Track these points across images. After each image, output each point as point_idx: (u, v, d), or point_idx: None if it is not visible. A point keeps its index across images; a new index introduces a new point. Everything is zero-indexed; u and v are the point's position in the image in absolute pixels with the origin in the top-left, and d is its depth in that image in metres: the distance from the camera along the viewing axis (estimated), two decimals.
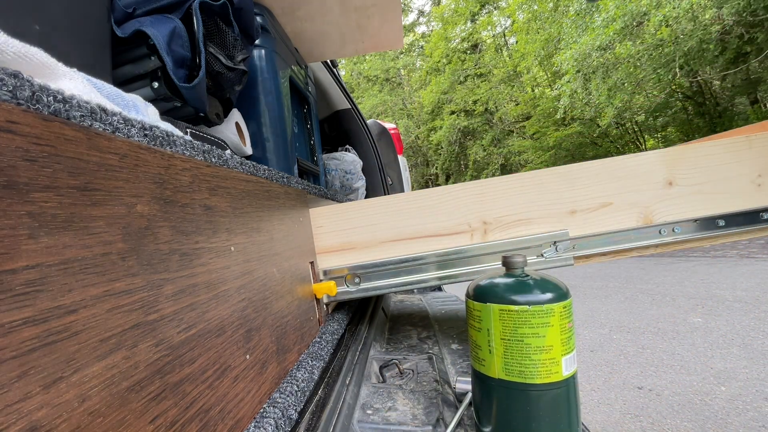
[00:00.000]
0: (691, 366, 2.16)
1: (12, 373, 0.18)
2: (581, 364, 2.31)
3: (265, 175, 0.56)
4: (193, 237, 0.35)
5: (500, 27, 16.09)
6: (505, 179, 0.75)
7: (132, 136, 0.30)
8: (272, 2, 1.09)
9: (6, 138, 0.19)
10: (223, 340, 0.37)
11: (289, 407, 0.44)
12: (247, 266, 0.45)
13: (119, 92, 0.42)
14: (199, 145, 0.40)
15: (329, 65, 1.78)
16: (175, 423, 0.29)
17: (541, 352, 0.45)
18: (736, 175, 0.73)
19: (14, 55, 0.26)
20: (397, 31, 1.36)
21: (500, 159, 14.40)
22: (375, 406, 0.58)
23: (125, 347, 0.25)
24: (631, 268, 4.72)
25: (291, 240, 0.62)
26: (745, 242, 4.97)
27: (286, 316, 0.55)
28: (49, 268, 0.20)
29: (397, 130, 2.49)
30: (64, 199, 0.22)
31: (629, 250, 0.75)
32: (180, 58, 0.68)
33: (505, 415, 0.47)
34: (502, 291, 0.48)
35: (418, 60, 20.60)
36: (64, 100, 0.24)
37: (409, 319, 1.09)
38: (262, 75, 1.00)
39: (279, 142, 1.01)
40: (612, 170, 0.74)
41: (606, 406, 1.89)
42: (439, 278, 0.74)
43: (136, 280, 0.27)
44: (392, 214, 0.76)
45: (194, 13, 0.69)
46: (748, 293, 3.17)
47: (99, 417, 0.22)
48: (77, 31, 0.59)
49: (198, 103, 0.73)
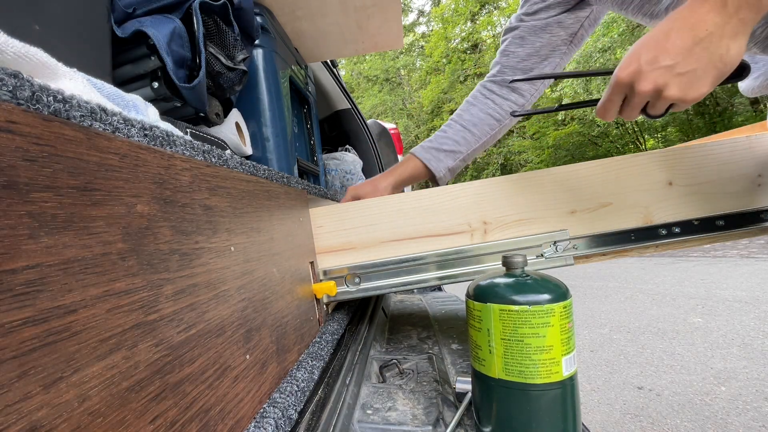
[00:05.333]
0: (691, 366, 2.16)
1: (12, 373, 0.18)
2: (581, 364, 2.31)
3: (265, 175, 0.56)
4: (193, 237, 0.35)
5: (500, 27, 16.09)
6: (505, 179, 0.75)
7: (132, 136, 0.30)
8: (272, 2, 1.09)
9: (6, 138, 0.19)
10: (223, 340, 0.37)
11: (289, 407, 0.44)
12: (247, 266, 0.45)
13: (119, 92, 0.42)
14: (199, 145, 0.40)
15: (329, 65, 1.78)
16: (175, 423, 0.29)
17: (541, 352, 0.45)
18: (736, 175, 0.73)
19: (14, 55, 0.26)
20: (397, 31, 1.36)
21: (500, 159, 14.40)
22: (375, 406, 0.58)
23: (125, 347, 0.25)
24: (631, 268, 4.72)
25: (291, 240, 0.62)
26: (745, 242, 4.97)
27: (286, 316, 0.55)
28: (49, 268, 0.20)
29: (397, 130, 2.49)
30: (64, 199, 0.22)
31: (629, 250, 0.75)
32: (180, 58, 0.68)
33: (505, 415, 0.47)
34: (502, 291, 0.48)
35: (418, 60, 20.60)
36: (64, 100, 0.24)
37: (409, 319, 1.09)
38: (262, 75, 1.00)
39: (279, 142, 1.01)
40: (612, 170, 0.74)
41: (606, 406, 1.90)
42: (439, 278, 0.74)
43: (136, 280, 0.27)
44: (392, 214, 0.76)
45: (194, 13, 0.69)
46: (748, 293, 3.17)
47: (99, 417, 0.22)
48: (77, 31, 0.59)
49: (198, 103, 0.73)
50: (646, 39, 0.46)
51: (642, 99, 0.48)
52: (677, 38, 0.43)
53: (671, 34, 0.44)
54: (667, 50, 0.43)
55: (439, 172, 0.94)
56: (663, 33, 0.44)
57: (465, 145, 0.95)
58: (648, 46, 0.45)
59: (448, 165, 0.94)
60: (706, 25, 0.41)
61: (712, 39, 0.41)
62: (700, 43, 0.42)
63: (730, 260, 4.34)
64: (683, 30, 0.43)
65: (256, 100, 0.99)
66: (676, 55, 0.43)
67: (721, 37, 0.41)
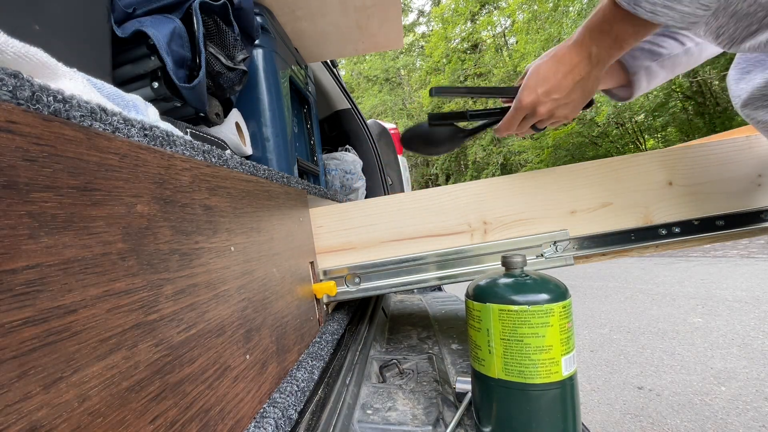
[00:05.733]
0: (691, 366, 2.16)
1: (12, 373, 0.18)
2: (581, 364, 2.31)
3: (265, 175, 0.56)
4: (193, 237, 0.35)
5: (500, 27, 16.09)
6: (505, 179, 0.75)
7: (132, 136, 0.30)
8: (272, 2, 1.09)
9: (6, 138, 0.19)
10: (223, 340, 0.37)
11: (289, 407, 0.44)
12: (247, 266, 0.45)
13: (119, 92, 0.42)
14: (199, 145, 0.40)
15: (329, 65, 1.78)
16: (175, 423, 0.29)
17: (540, 352, 0.45)
18: (736, 175, 0.73)
19: (14, 55, 0.26)
20: (397, 31, 1.36)
21: (500, 159, 14.40)
22: (375, 406, 0.58)
23: (125, 347, 0.25)
24: (631, 268, 4.72)
25: (291, 240, 0.62)
26: (745, 242, 4.97)
27: (286, 316, 0.55)
28: (49, 268, 0.20)
29: (397, 130, 2.48)
30: (64, 199, 0.22)
31: (629, 250, 0.75)
32: (180, 58, 0.68)
33: (504, 415, 0.47)
34: (501, 291, 0.48)
35: (418, 60, 20.60)
36: (64, 100, 0.24)
37: (409, 319, 1.09)
38: (262, 75, 1.00)
39: (279, 142, 1.01)
40: (612, 170, 0.74)
41: (606, 406, 1.90)
42: (439, 278, 0.74)
43: (136, 280, 0.27)
44: (392, 214, 0.76)
45: (194, 13, 0.69)
46: (748, 293, 3.17)
47: (99, 417, 0.22)
48: (77, 31, 0.59)
49: (198, 103, 0.73)
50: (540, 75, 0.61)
51: (537, 119, 0.64)
52: (563, 79, 0.60)
53: (558, 74, 0.60)
54: (557, 87, 0.60)
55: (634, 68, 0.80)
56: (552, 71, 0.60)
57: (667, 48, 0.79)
58: (543, 82, 0.61)
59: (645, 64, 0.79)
60: (580, 70, 0.59)
61: (585, 80, 0.59)
62: (579, 83, 0.60)
63: (730, 260, 4.34)
64: (567, 73, 0.59)
65: (256, 100, 0.99)
66: (563, 90, 0.60)
67: (589, 78, 0.59)
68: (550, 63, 0.61)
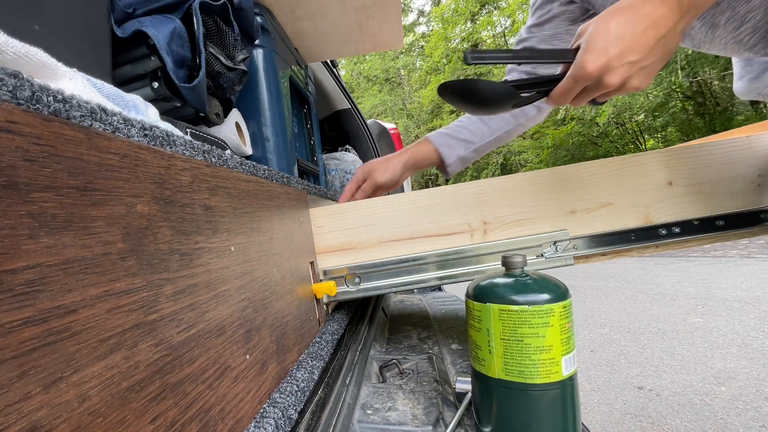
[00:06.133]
0: (691, 366, 2.16)
1: (12, 373, 0.18)
2: (581, 364, 2.31)
3: (265, 175, 0.56)
4: (193, 237, 0.35)
5: (500, 27, 16.09)
6: (504, 179, 0.75)
7: (132, 136, 0.30)
8: (272, 2, 1.09)
9: (6, 138, 0.19)
10: (223, 340, 0.37)
11: (289, 407, 0.44)
12: (247, 266, 0.45)
13: (119, 92, 0.42)
14: (199, 145, 0.40)
15: (329, 65, 1.78)
16: (175, 423, 0.29)
17: (540, 352, 0.45)
18: (736, 175, 0.73)
19: (14, 55, 0.26)
20: (397, 31, 1.36)
21: (499, 159, 14.39)
22: (375, 406, 0.58)
23: (125, 347, 0.25)
24: (631, 268, 4.72)
25: (291, 240, 0.62)
26: (745, 242, 4.97)
27: (286, 316, 0.55)
28: (49, 268, 0.20)
29: (397, 130, 2.48)
30: (64, 199, 0.22)
31: (629, 250, 0.75)
32: (180, 58, 0.68)
33: (505, 415, 0.47)
34: (501, 291, 0.48)
35: (418, 60, 20.60)
36: (64, 100, 0.24)
37: (409, 319, 1.09)
38: (262, 75, 1.00)
39: (279, 142, 1.01)
40: (612, 170, 0.74)
41: (606, 406, 1.90)
42: (439, 278, 0.74)
43: (136, 280, 0.27)
44: (392, 214, 0.76)
45: (194, 13, 0.69)
46: (748, 293, 3.17)
47: (99, 417, 0.22)
48: (77, 31, 0.59)
49: (198, 103, 0.73)
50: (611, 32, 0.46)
51: (606, 90, 0.49)
52: (643, 35, 0.45)
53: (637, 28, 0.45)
54: (634, 47, 0.45)
55: (449, 158, 0.95)
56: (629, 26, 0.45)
57: (479, 137, 0.96)
58: (615, 41, 0.46)
59: (459, 153, 0.95)
60: (665, 22, 0.44)
61: (669, 35, 0.45)
62: (661, 40, 0.45)
63: (730, 260, 4.34)
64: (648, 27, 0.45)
65: (256, 100, 0.99)
66: (642, 50, 0.45)
67: (674, 33, 0.45)
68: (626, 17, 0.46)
